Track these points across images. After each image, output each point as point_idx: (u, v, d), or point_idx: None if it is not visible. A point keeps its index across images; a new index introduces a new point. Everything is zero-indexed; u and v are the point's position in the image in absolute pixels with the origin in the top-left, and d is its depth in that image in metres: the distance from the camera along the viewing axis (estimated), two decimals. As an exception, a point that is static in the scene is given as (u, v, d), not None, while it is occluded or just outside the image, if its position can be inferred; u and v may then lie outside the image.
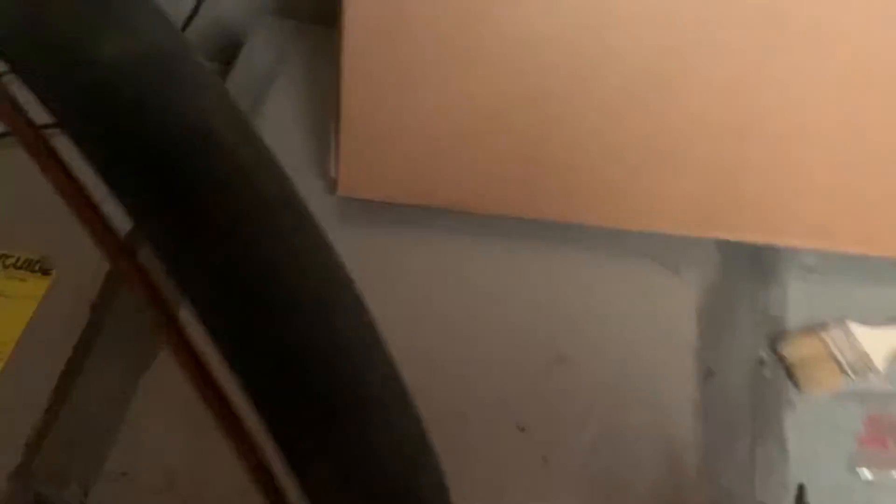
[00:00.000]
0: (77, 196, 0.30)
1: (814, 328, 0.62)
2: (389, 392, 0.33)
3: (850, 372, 0.60)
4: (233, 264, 0.29)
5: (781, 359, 0.62)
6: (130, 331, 0.61)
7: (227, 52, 0.79)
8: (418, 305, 0.64)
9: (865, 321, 0.62)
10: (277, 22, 0.79)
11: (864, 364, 0.60)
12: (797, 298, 0.65)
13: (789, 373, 0.61)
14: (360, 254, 0.67)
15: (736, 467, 0.59)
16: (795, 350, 0.62)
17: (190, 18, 0.75)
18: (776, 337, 0.63)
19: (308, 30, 0.78)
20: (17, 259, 0.67)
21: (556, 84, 0.60)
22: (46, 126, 0.30)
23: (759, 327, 0.64)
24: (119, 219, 0.30)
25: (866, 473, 0.58)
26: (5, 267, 0.67)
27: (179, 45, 0.31)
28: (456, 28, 0.60)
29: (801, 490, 0.54)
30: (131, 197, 0.29)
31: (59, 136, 0.30)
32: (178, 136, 0.29)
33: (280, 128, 0.73)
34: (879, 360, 0.60)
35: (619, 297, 0.65)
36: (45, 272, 0.67)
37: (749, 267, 0.66)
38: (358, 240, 0.67)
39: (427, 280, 0.66)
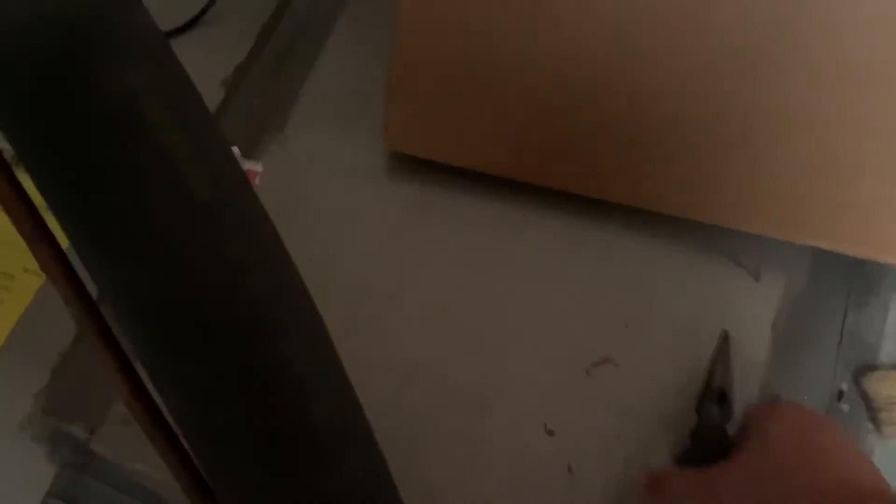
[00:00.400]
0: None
1: (911, 364, 0.53)
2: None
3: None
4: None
5: (864, 395, 0.53)
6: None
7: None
8: (456, 278, 0.59)
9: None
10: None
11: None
12: (897, 325, 0.55)
13: (871, 413, 0.52)
14: (405, 213, 0.63)
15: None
16: (884, 387, 0.53)
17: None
18: (863, 368, 0.54)
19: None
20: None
21: (635, 52, 0.52)
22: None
23: (844, 354, 0.55)
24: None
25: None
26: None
27: None
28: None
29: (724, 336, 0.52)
30: None
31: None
32: None
33: (338, 73, 0.68)
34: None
35: (682, 296, 0.57)
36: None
37: (844, 283, 0.57)
38: (404, 199, 0.62)
39: (471, 252, 0.60)
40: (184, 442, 0.27)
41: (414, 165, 0.62)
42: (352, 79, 0.68)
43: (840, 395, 0.53)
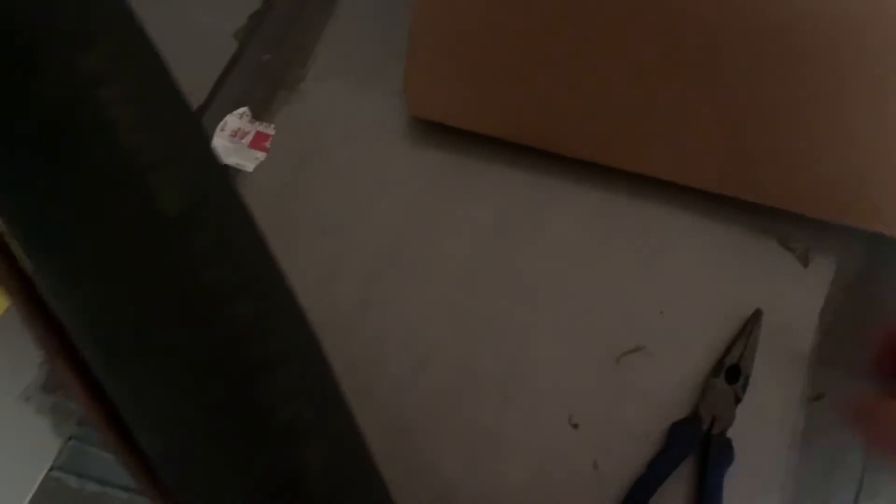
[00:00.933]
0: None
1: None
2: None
3: None
4: None
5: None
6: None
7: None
8: (481, 254, 0.55)
9: None
10: None
11: None
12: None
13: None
14: (427, 182, 0.59)
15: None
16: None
17: None
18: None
19: None
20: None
21: (672, 18, 0.47)
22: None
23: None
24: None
25: None
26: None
27: None
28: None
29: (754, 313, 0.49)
30: None
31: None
32: None
33: (360, 23, 0.63)
34: None
35: (725, 282, 0.53)
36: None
37: (901, 271, 0.52)
38: (427, 166, 0.58)
39: (498, 226, 0.56)
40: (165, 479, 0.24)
41: (439, 130, 0.57)
42: (375, 29, 0.63)
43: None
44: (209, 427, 0.21)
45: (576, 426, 0.50)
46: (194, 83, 0.62)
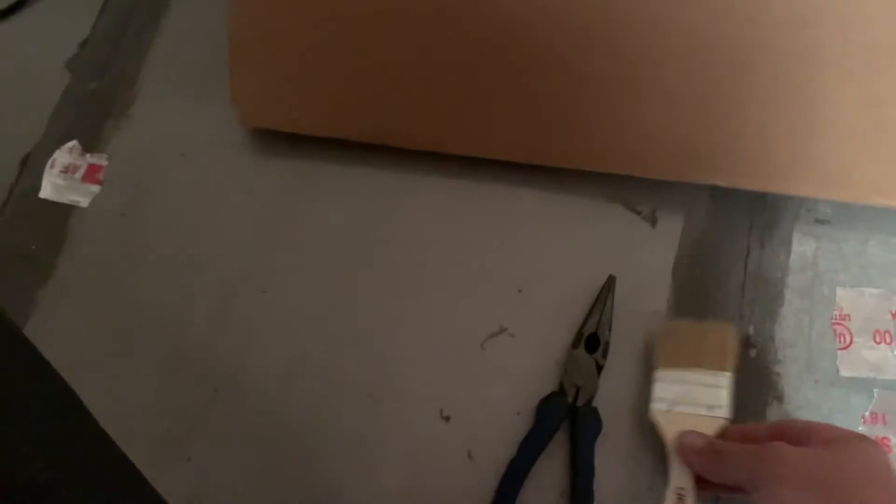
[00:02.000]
0: None
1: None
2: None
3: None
4: None
5: (772, 340, 0.50)
6: None
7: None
8: (336, 259, 0.54)
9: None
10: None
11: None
12: (803, 260, 0.52)
13: (780, 356, 0.50)
14: (273, 193, 0.57)
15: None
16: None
17: None
18: (772, 310, 0.51)
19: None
20: None
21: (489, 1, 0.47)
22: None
23: (749, 295, 0.51)
24: None
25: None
26: None
27: None
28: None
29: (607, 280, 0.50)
30: None
31: None
32: None
33: (184, 41, 0.61)
34: None
35: (577, 252, 0.53)
36: None
37: (745, 221, 0.53)
38: (271, 178, 0.57)
39: (351, 229, 0.55)
40: None
41: (279, 138, 0.56)
42: (201, 45, 0.61)
43: (747, 339, 0.50)
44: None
45: (447, 418, 0.50)
46: (28, 122, 0.59)
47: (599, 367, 0.49)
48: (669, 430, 0.45)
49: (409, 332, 0.52)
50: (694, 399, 0.45)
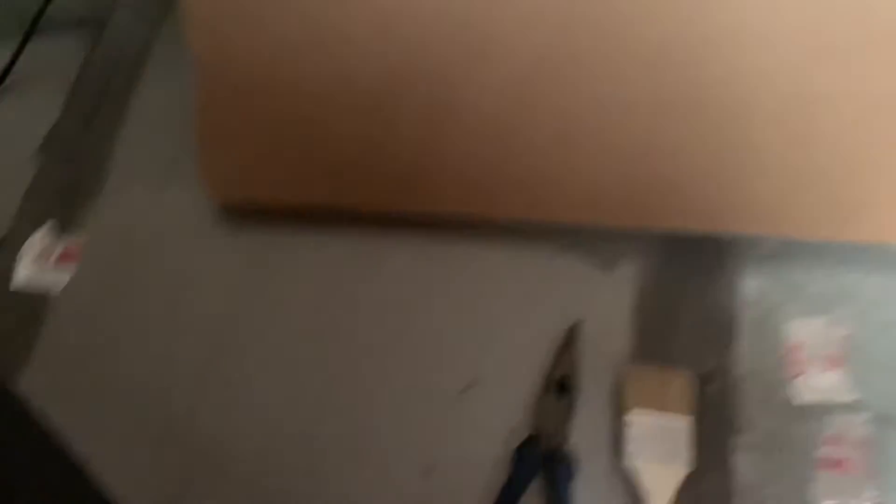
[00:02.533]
0: None
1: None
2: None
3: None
4: None
5: (727, 373, 0.53)
6: None
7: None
8: (309, 326, 0.56)
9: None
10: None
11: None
12: (753, 295, 0.55)
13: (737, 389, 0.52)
14: (244, 266, 0.59)
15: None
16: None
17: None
18: (727, 346, 0.54)
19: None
20: None
21: (439, 64, 0.50)
22: None
23: (705, 333, 0.54)
24: None
25: None
26: None
27: None
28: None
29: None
30: None
31: None
32: None
33: (152, 123, 0.63)
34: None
35: (540, 301, 0.56)
36: None
37: (696, 262, 0.56)
38: (242, 250, 0.59)
39: (322, 295, 0.57)
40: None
41: (246, 211, 0.58)
42: (168, 123, 0.63)
43: (707, 376, 0.53)
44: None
45: (428, 473, 0.51)
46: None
47: (570, 412, 0.51)
48: (643, 476, 0.47)
49: (384, 393, 0.54)
50: (662, 441, 0.48)
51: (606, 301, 0.55)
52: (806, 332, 0.54)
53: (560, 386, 0.52)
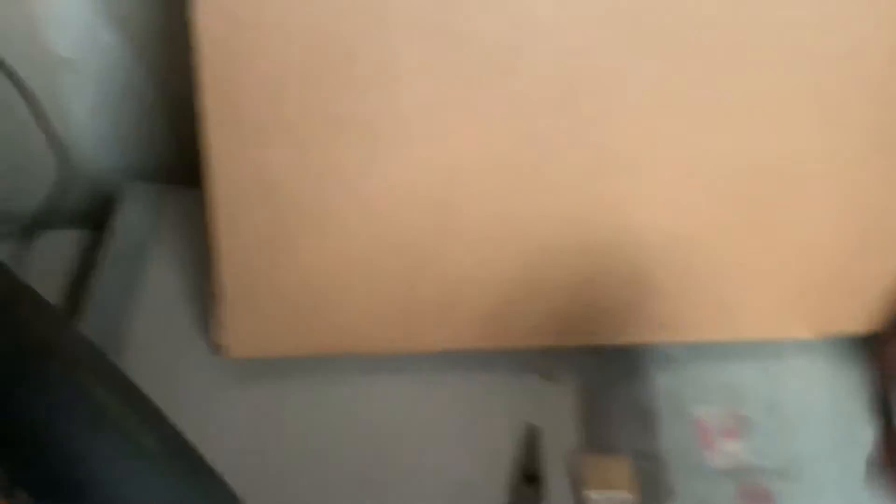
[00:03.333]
0: None
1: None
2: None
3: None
4: None
5: (658, 451, 0.67)
6: None
7: (98, 216, 0.81)
8: (311, 465, 0.65)
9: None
10: (148, 187, 0.81)
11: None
12: (666, 388, 0.70)
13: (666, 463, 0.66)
14: (247, 417, 0.67)
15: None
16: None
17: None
18: (653, 430, 0.68)
19: (180, 193, 0.80)
20: None
21: (417, 230, 0.65)
22: None
23: (635, 421, 0.69)
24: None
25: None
26: None
27: None
28: (317, 190, 0.64)
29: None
30: None
31: None
32: None
33: (163, 295, 0.74)
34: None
35: (497, 414, 0.68)
36: None
37: (623, 368, 0.71)
38: (255, 404, 0.68)
39: (322, 431, 0.67)
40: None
41: (256, 364, 0.68)
42: (181, 285, 0.74)
43: (641, 454, 0.66)
44: None
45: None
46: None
47: (541, 499, 0.63)
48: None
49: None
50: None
51: (553, 407, 0.69)
52: (710, 412, 0.69)
53: (529, 478, 0.64)
